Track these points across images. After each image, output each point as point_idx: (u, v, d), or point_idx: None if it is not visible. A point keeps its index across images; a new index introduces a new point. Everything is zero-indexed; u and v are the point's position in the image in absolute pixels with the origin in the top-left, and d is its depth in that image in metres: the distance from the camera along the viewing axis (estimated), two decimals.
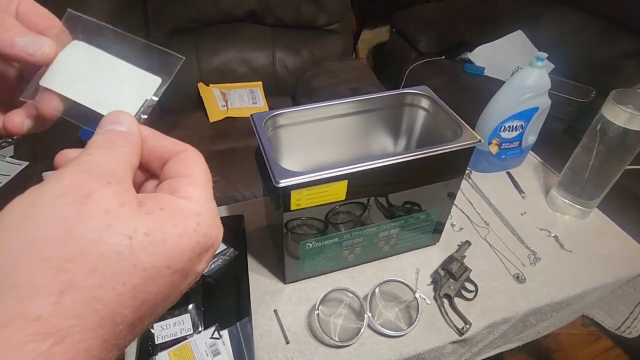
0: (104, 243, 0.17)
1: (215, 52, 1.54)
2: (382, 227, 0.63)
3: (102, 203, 0.18)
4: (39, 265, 0.16)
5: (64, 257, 0.16)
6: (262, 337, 0.60)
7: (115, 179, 0.19)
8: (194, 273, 0.21)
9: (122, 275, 0.17)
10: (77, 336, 0.16)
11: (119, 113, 0.23)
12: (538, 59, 0.74)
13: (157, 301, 0.19)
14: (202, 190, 0.22)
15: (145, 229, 0.18)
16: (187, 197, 0.21)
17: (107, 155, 0.20)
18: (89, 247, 0.17)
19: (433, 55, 1.90)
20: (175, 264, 0.19)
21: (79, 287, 0.16)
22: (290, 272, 0.65)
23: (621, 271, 0.70)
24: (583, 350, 1.37)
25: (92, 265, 0.16)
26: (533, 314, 0.67)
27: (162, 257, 0.18)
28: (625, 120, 0.63)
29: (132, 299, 0.18)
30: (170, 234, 0.19)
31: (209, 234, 0.21)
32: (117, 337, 0.18)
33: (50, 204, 0.17)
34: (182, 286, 0.20)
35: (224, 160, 1.29)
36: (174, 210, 0.20)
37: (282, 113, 0.61)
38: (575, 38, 1.74)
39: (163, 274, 0.19)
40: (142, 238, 0.18)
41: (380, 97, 0.66)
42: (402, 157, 0.53)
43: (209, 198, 0.22)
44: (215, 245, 0.22)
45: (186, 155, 0.23)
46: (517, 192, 0.85)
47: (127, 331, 0.18)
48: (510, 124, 0.79)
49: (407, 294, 0.64)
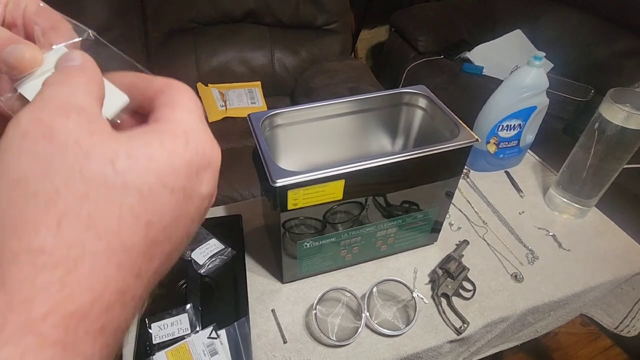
0: (87, 171, 0.16)
1: (214, 53, 1.54)
2: (379, 226, 0.63)
3: (69, 134, 0.17)
4: (29, 201, 0.16)
5: (50, 190, 0.16)
6: (260, 337, 0.60)
7: (75, 110, 0.18)
8: (199, 195, 0.20)
9: (115, 198, 0.16)
10: (86, 264, 0.16)
11: (70, 51, 0.21)
12: (536, 58, 0.74)
13: (167, 224, 0.18)
14: (189, 113, 0.21)
15: (127, 151, 0.17)
16: (173, 120, 0.20)
17: (61, 90, 0.19)
18: (72, 177, 0.16)
19: (432, 55, 1.90)
20: (172, 183, 0.18)
21: (75, 215, 0.16)
22: (288, 272, 0.65)
23: (619, 270, 0.70)
24: (582, 349, 1.37)
25: (81, 193, 0.16)
26: (531, 313, 0.67)
27: (153, 175, 0.18)
28: (622, 119, 0.63)
29: (135, 220, 0.17)
30: (157, 152, 0.18)
31: (202, 151, 0.20)
32: (133, 262, 0.17)
33: (17, 148, 0.16)
34: (190, 210, 0.19)
35: (223, 160, 1.26)
36: (160, 131, 0.19)
37: (279, 113, 0.61)
38: (574, 37, 1.74)
39: (161, 193, 0.18)
40: (125, 159, 0.17)
41: (377, 97, 0.66)
42: (399, 157, 0.53)
43: (197, 119, 0.21)
44: (214, 164, 0.21)
45: (172, 87, 0.22)
46: (515, 191, 0.85)
47: (143, 257, 0.17)
48: (508, 123, 0.79)
49: (404, 293, 0.64)
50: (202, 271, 0.66)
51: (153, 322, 0.58)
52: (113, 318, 0.16)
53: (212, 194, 0.21)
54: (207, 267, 0.67)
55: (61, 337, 0.15)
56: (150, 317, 0.59)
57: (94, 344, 0.16)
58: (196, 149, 0.19)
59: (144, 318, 0.59)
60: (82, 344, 0.15)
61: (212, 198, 0.22)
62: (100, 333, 0.16)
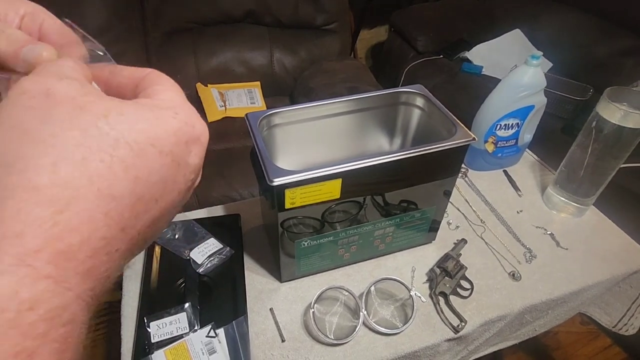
0: (82, 122, 0.17)
1: (213, 53, 1.54)
2: (377, 225, 0.63)
3: (65, 92, 0.18)
4: (28, 143, 0.17)
5: (48, 134, 0.17)
6: (258, 336, 0.60)
7: (67, 77, 0.19)
8: (187, 164, 0.21)
9: (107, 148, 0.17)
10: (78, 206, 0.16)
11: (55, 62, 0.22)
12: (533, 57, 0.74)
13: (154, 183, 0.19)
14: (174, 94, 0.22)
15: (119, 110, 0.18)
16: (162, 98, 0.21)
17: (52, 65, 0.20)
18: (68, 125, 0.17)
19: (431, 55, 1.90)
20: (161, 145, 0.19)
21: (70, 158, 0.17)
22: (286, 271, 0.65)
23: (617, 268, 0.70)
24: (582, 348, 1.37)
25: (76, 140, 0.17)
26: (529, 311, 0.67)
27: (143, 134, 0.18)
28: (619, 118, 0.64)
29: (124, 171, 0.18)
30: (147, 116, 0.19)
31: (190, 123, 0.21)
32: (120, 214, 0.18)
33: (18, 102, 0.18)
34: (178, 177, 0.20)
35: (222, 160, 1.30)
36: (149, 104, 0.20)
37: (277, 112, 0.61)
38: (573, 36, 1.74)
39: (149, 151, 0.19)
40: (116, 116, 0.18)
41: (375, 96, 0.66)
42: (396, 156, 0.53)
43: (183, 100, 0.22)
44: (202, 139, 0.22)
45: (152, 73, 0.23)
46: (513, 190, 0.85)
47: (129, 211, 0.18)
48: (506, 122, 0.80)
49: (402, 292, 0.64)
50: (201, 270, 0.66)
51: (151, 321, 0.59)
52: (99, 264, 0.17)
53: (197, 167, 0.22)
54: (205, 266, 0.67)
55: (52, 273, 0.16)
56: (149, 315, 0.59)
57: (81, 285, 0.16)
58: (185, 121, 0.20)
59: (143, 317, 0.59)
60: (70, 282, 0.16)
61: (199, 173, 0.22)
62: (87, 275, 0.17)
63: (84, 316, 0.17)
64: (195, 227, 0.72)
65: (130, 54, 1.45)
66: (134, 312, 0.62)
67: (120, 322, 0.61)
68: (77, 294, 0.16)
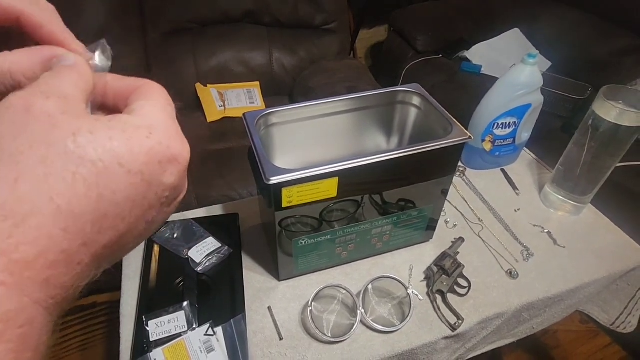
0: (51, 139, 0.18)
1: (212, 53, 1.54)
2: (375, 224, 0.64)
3: (45, 110, 0.19)
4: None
5: (16, 150, 0.18)
6: (256, 334, 0.60)
7: (56, 94, 0.19)
8: (160, 183, 0.21)
9: (70, 166, 0.18)
10: (35, 220, 0.17)
11: (66, 53, 0.23)
12: (530, 56, 0.74)
13: (120, 201, 0.19)
14: (159, 110, 0.22)
15: (89, 128, 0.19)
16: (142, 114, 0.21)
17: (49, 80, 0.20)
18: (36, 142, 0.18)
19: (430, 54, 1.90)
20: (129, 164, 0.19)
21: (32, 175, 0.17)
22: (284, 270, 0.65)
23: (614, 266, 0.71)
24: (581, 347, 1.37)
25: (41, 157, 0.18)
26: (526, 309, 0.67)
27: (110, 153, 0.19)
28: (615, 116, 0.64)
29: (86, 190, 0.18)
30: (118, 135, 0.19)
31: (166, 144, 0.21)
32: (80, 230, 0.18)
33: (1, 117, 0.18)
34: (149, 195, 0.20)
35: (222, 159, 1.30)
36: (124, 121, 0.20)
37: (274, 111, 0.62)
38: (572, 35, 1.74)
39: (116, 171, 0.19)
40: (86, 134, 0.19)
41: (371, 95, 0.66)
42: (391, 155, 0.53)
43: (167, 117, 0.22)
44: (180, 159, 0.22)
45: (146, 85, 0.23)
46: (511, 189, 0.85)
47: (91, 227, 0.19)
48: (503, 121, 0.80)
49: (400, 290, 0.64)
50: (199, 269, 0.67)
51: (150, 320, 0.59)
52: (58, 274, 0.18)
53: (176, 186, 0.22)
54: (204, 265, 0.67)
55: (7, 280, 0.16)
56: (148, 314, 0.60)
57: (39, 292, 0.17)
58: (159, 141, 0.21)
59: (141, 315, 0.60)
60: (27, 290, 0.17)
61: (176, 190, 0.22)
62: (45, 284, 0.17)
63: (44, 319, 0.18)
64: (193, 226, 0.73)
65: (130, 54, 1.46)
66: (132, 311, 0.62)
67: (119, 322, 0.61)
68: (35, 300, 0.17)
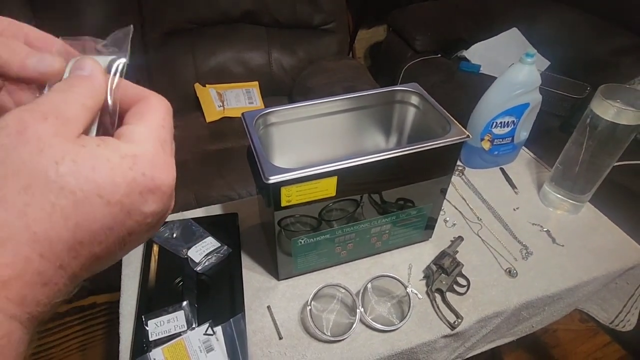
0: (35, 166, 0.18)
1: (211, 53, 1.54)
2: (374, 223, 0.64)
3: (36, 132, 0.19)
4: None
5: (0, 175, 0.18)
6: (256, 333, 0.61)
7: (55, 115, 0.20)
8: (140, 213, 0.21)
9: (50, 196, 0.18)
10: (12, 245, 0.18)
11: (82, 59, 0.23)
12: (528, 55, 0.74)
13: (97, 230, 0.20)
14: (149, 134, 0.22)
15: (73, 157, 0.19)
16: (130, 141, 0.22)
17: (56, 96, 0.21)
18: (21, 168, 0.18)
19: (429, 54, 1.90)
20: (109, 195, 0.20)
21: (12, 202, 0.18)
22: (284, 269, 0.65)
23: (613, 265, 0.71)
24: (581, 345, 1.38)
25: (23, 184, 0.18)
26: (525, 308, 0.67)
27: (90, 183, 0.19)
28: (613, 115, 0.64)
29: (64, 220, 0.19)
30: (101, 165, 0.20)
31: (149, 175, 0.21)
32: (56, 255, 0.19)
33: None
34: (127, 223, 0.21)
35: (221, 159, 1.30)
36: (112, 149, 0.21)
37: (273, 111, 0.62)
38: (570, 35, 1.75)
39: (95, 202, 0.19)
40: (69, 164, 0.19)
41: (370, 95, 0.66)
42: (390, 153, 0.54)
43: (157, 143, 0.22)
44: (163, 188, 0.22)
45: (146, 102, 0.23)
46: (509, 188, 0.85)
47: (67, 253, 0.19)
48: (501, 120, 0.80)
49: (399, 289, 0.64)
50: (199, 269, 0.67)
51: (149, 319, 0.59)
52: (35, 294, 0.19)
53: (157, 212, 0.22)
54: (203, 265, 0.67)
55: None
56: (147, 314, 0.60)
57: (15, 309, 0.18)
58: (142, 172, 0.21)
59: (141, 315, 0.60)
60: (3, 306, 0.17)
61: (159, 214, 0.23)
62: (22, 302, 0.18)
63: (21, 332, 0.18)
64: (193, 226, 0.73)
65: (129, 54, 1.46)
66: (132, 311, 0.62)
67: (119, 322, 0.61)
68: (11, 315, 0.18)
